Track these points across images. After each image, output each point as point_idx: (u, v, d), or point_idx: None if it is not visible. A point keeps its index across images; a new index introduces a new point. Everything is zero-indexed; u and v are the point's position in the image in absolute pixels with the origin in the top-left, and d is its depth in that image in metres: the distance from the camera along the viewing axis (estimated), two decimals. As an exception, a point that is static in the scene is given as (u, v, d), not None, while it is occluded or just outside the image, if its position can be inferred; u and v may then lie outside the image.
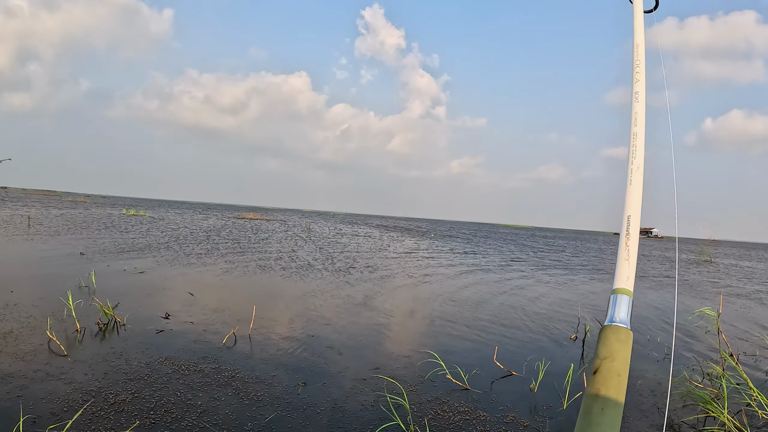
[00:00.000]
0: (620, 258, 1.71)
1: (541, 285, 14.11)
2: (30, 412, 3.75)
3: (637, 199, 1.79)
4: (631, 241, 1.71)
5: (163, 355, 5.34)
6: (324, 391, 4.64)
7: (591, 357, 6.62)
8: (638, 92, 1.94)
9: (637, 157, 1.84)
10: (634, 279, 1.64)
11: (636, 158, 1.84)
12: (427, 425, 4.03)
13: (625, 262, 1.69)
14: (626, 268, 1.67)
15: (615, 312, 1.60)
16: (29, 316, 6.45)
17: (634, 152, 1.85)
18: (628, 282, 1.65)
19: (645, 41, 2.09)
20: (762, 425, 4.45)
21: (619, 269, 1.69)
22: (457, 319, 8.38)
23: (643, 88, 1.96)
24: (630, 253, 1.69)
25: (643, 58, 2.03)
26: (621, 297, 1.62)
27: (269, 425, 3.86)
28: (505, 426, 4.17)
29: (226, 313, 7.53)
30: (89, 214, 36.12)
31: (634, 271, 1.66)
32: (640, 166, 1.83)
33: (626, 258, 1.69)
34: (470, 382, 5.13)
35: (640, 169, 1.83)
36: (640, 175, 1.82)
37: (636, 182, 1.81)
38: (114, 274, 10.36)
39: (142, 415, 3.85)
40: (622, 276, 1.66)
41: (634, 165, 1.83)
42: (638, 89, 1.95)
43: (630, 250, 1.70)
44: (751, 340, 8.28)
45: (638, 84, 1.96)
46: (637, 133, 1.87)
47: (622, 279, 1.66)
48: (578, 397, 4.91)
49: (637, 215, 1.76)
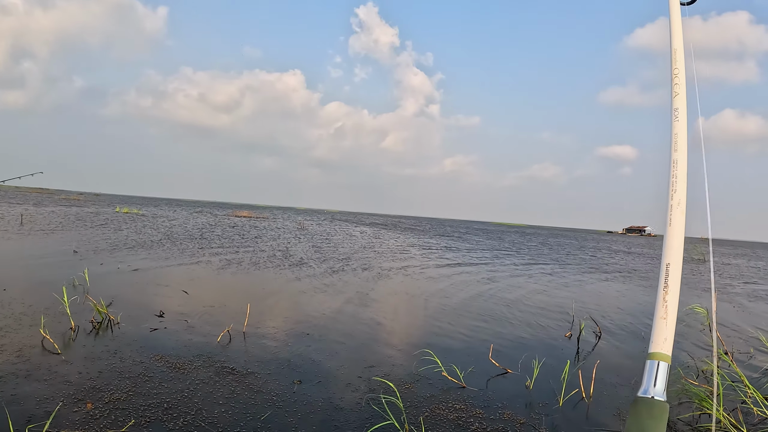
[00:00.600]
0: (657, 317, 1.41)
1: (534, 282, 14.15)
2: (23, 411, 3.72)
3: (679, 244, 1.44)
4: (670, 296, 1.41)
5: (157, 353, 5.31)
6: (319, 389, 4.63)
7: (586, 354, 6.64)
8: (678, 109, 1.55)
9: (678, 191, 1.46)
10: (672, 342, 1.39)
11: (677, 192, 1.46)
12: (423, 423, 4.03)
13: (663, 322, 1.39)
14: (664, 329, 1.38)
15: (650, 382, 1.37)
16: (22, 315, 6.40)
17: (675, 184, 1.47)
18: (666, 345, 1.37)
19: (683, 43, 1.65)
20: (757, 422, 4.47)
21: (656, 330, 1.40)
22: (451, 317, 8.38)
23: (685, 104, 1.57)
24: (669, 310, 1.40)
25: (682, 66, 1.61)
26: (657, 364, 1.37)
27: (265, 423, 3.84)
28: (501, 424, 4.17)
29: (221, 311, 7.49)
30: (82, 211, 35.91)
31: (673, 332, 1.40)
32: (682, 202, 1.46)
33: (664, 316, 1.39)
34: (466, 380, 5.13)
35: (682, 206, 1.46)
36: (681, 214, 1.45)
37: (677, 222, 1.45)
38: (108, 272, 10.30)
39: (138, 414, 3.82)
40: (659, 338, 1.38)
41: (674, 200, 1.46)
42: (678, 105, 1.56)
43: (669, 307, 1.40)
44: (745, 337, 8.33)
45: (678, 99, 1.57)
46: (677, 160, 1.48)
47: (659, 342, 1.38)
48: (574, 394, 4.93)
49: (679, 263, 1.43)
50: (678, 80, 1.59)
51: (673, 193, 1.46)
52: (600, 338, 7.60)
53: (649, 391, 1.35)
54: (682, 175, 1.47)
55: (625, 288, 14.62)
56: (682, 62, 1.61)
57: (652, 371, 1.36)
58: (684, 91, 1.58)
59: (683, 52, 1.63)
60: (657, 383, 1.35)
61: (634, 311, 10.40)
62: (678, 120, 1.53)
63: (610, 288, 14.34)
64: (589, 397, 4.91)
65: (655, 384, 1.35)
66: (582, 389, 5.00)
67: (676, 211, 1.44)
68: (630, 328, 8.62)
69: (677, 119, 1.53)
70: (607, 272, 19.31)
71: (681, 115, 1.54)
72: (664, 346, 1.36)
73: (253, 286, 10.30)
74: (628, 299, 12.31)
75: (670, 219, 1.44)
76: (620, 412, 4.61)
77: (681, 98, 1.57)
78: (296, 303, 8.68)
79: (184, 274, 10.96)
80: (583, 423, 4.31)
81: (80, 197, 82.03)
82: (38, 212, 30.45)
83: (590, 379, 5.20)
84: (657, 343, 1.37)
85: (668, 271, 1.41)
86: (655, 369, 1.36)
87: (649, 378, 1.37)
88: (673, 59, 1.62)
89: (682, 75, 1.59)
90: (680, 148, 1.49)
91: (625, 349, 7.11)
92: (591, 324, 8.36)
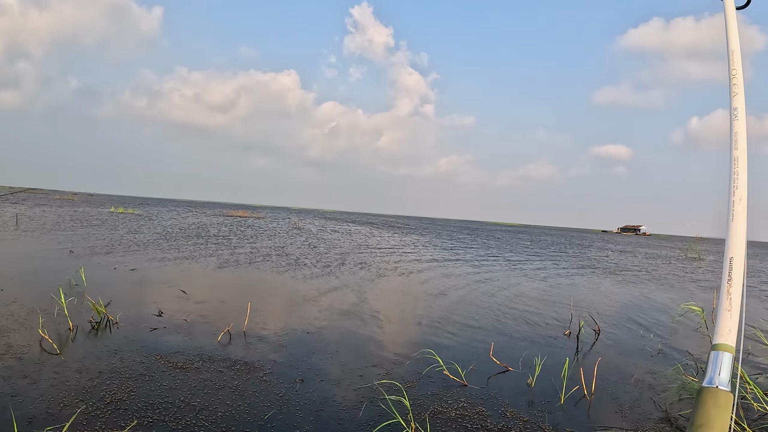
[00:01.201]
0: (722, 308, 1.44)
1: (531, 279, 14.18)
2: (25, 412, 3.69)
3: (742, 239, 1.47)
4: (734, 289, 1.43)
5: (158, 353, 5.28)
6: (322, 388, 4.62)
7: (586, 351, 6.66)
8: (737, 108, 1.59)
9: (740, 187, 1.49)
10: (736, 333, 1.40)
11: (738, 188, 1.49)
12: (428, 421, 4.02)
13: (727, 314, 1.42)
14: (728, 320, 1.41)
15: (715, 372, 1.37)
16: (20, 315, 6.35)
17: (736, 180, 1.50)
18: (730, 336, 1.39)
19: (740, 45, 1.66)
20: (757, 417, 4.49)
21: (720, 322, 1.43)
22: (451, 314, 8.39)
23: (743, 104, 1.60)
24: (733, 302, 1.42)
25: (740, 67, 1.63)
26: (722, 355, 1.38)
27: (268, 423, 3.83)
28: (504, 421, 4.17)
29: (220, 310, 7.47)
30: (77, 212, 35.71)
31: (737, 324, 1.41)
32: (744, 198, 1.48)
33: (728, 308, 1.42)
34: (467, 378, 5.13)
35: (744, 201, 1.48)
36: (743, 209, 1.48)
37: (739, 217, 1.47)
38: (105, 272, 10.24)
39: (140, 414, 3.80)
40: (724, 329, 1.41)
41: (737, 196, 1.49)
42: (737, 105, 1.59)
43: (733, 299, 1.43)
44: (745, 334, 8.36)
45: (737, 99, 1.60)
46: (738, 157, 1.52)
47: (723, 333, 1.40)
48: (575, 391, 4.94)
49: (742, 257, 1.45)
50: (736, 80, 1.60)
51: (734, 189, 1.49)
52: (599, 335, 7.62)
53: (714, 380, 1.36)
54: (743, 171, 1.49)
55: (623, 285, 14.66)
56: (739, 63, 1.62)
57: (717, 362, 1.37)
58: (742, 91, 1.59)
59: (740, 54, 1.63)
60: (722, 373, 1.36)
61: (631, 308, 10.43)
62: (737, 119, 1.56)
63: (607, 285, 14.38)
64: (591, 395, 4.92)
65: (720, 374, 1.36)
66: (583, 386, 5.01)
67: (738, 206, 1.47)
68: (628, 325, 8.64)
69: (737, 118, 1.56)
70: (605, 270, 19.38)
71: (740, 114, 1.57)
72: (728, 337, 1.38)
73: (251, 285, 10.27)
74: (626, 296, 12.35)
75: (733, 214, 1.47)
76: (622, 409, 4.62)
77: (740, 98, 1.59)
78: (295, 302, 8.66)
79: (181, 273, 10.91)
80: (585, 420, 4.32)
81: (75, 197, 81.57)
82: (33, 213, 30.26)
83: (591, 376, 5.21)
84: (722, 334, 1.39)
85: (732, 264, 1.43)
86: (720, 360, 1.37)
87: (714, 368, 1.37)
88: (731, 60, 1.62)
89: (739, 75, 1.60)
90: (740, 146, 1.52)
91: (625, 346, 7.13)
92: (590, 321, 8.37)
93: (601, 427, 4.19)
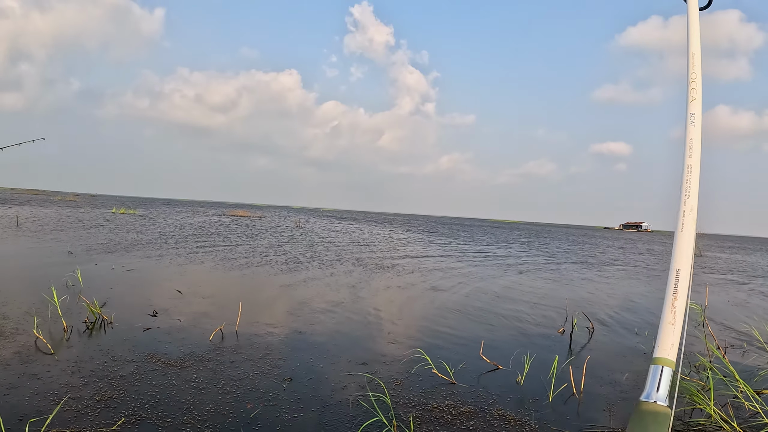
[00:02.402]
0: (664, 321, 1.40)
1: (527, 277, 14.19)
2: (16, 411, 3.73)
3: (689, 249, 1.41)
4: (678, 302, 1.37)
5: (150, 353, 5.32)
6: (310, 387, 4.65)
7: (578, 350, 6.67)
8: (694, 114, 1.51)
9: (691, 197, 1.43)
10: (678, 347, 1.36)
11: (690, 197, 1.43)
12: (412, 421, 4.05)
13: (670, 327, 1.37)
14: (671, 334, 1.36)
15: (654, 387, 1.33)
16: (16, 315, 6.40)
17: (688, 189, 1.44)
18: (672, 351, 1.35)
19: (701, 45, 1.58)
20: (748, 416, 4.50)
21: (662, 335, 1.38)
22: (442, 312, 8.41)
23: (700, 109, 1.52)
24: (677, 316, 1.36)
25: (699, 70, 1.54)
26: (662, 369, 1.33)
27: (255, 421, 3.86)
28: (491, 419, 4.20)
29: (214, 310, 7.51)
30: (78, 213, 35.84)
31: (679, 338, 1.36)
32: (694, 209, 1.42)
33: (672, 322, 1.37)
34: (456, 377, 5.16)
35: (694, 212, 1.42)
36: (693, 220, 1.41)
37: (688, 228, 1.41)
38: (102, 273, 10.30)
39: (128, 412, 3.84)
40: (666, 343, 1.36)
41: (687, 206, 1.43)
42: (694, 110, 1.52)
43: (677, 312, 1.36)
44: (738, 332, 8.37)
45: (694, 104, 1.53)
46: (692, 165, 1.45)
47: (665, 347, 1.36)
48: (563, 389, 4.96)
49: (689, 269, 1.39)
50: (695, 85, 1.53)
51: (686, 198, 1.43)
52: (593, 334, 7.63)
53: (651, 395, 1.33)
54: (695, 180, 1.43)
55: (621, 282, 14.66)
56: (699, 66, 1.54)
57: (656, 376, 1.34)
58: (700, 96, 1.52)
59: (701, 57, 1.55)
60: (660, 388, 1.32)
61: (629, 306, 10.43)
62: (693, 125, 1.49)
63: (605, 282, 14.38)
64: (580, 393, 4.94)
65: (658, 389, 1.32)
66: (573, 384, 5.03)
67: (688, 216, 1.41)
68: (625, 323, 8.65)
69: (693, 124, 1.49)
70: (604, 267, 19.36)
71: (697, 120, 1.50)
72: (670, 351, 1.35)
73: (247, 284, 10.31)
74: (623, 293, 12.35)
75: (682, 224, 1.41)
76: (611, 407, 4.64)
77: (697, 103, 1.53)
78: (289, 301, 8.70)
79: (179, 273, 10.96)
80: (573, 418, 4.34)
81: (76, 198, 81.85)
82: (34, 213, 30.38)
83: (581, 374, 5.23)
84: (663, 348, 1.36)
85: (678, 276, 1.38)
86: (659, 374, 1.33)
87: (653, 383, 1.34)
88: (690, 63, 1.54)
89: (699, 80, 1.53)
90: (695, 153, 1.45)
91: (618, 344, 7.14)
92: (583, 318, 8.38)
93: (588, 426, 4.21)
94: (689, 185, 1.41)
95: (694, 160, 1.44)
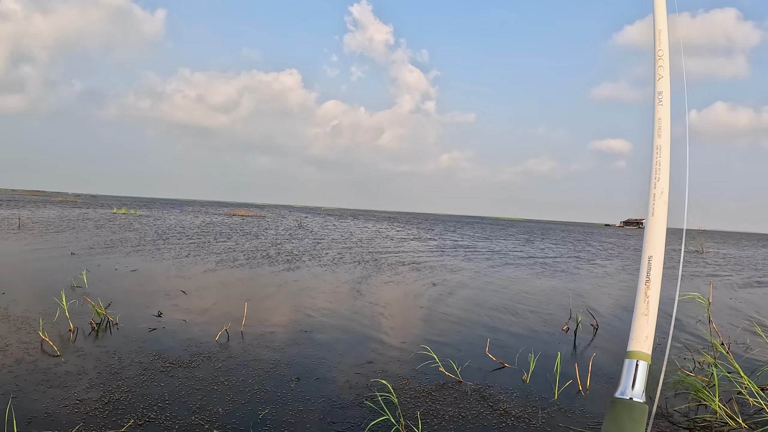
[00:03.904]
0: (638, 312, 1.32)
1: (530, 274, 14.19)
2: (24, 413, 3.74)
3: (661, 235, 1.37)
4: (652, 291, 1.31)
5: (156, 353, 5.33)
6: (317, 387, 4.66)
7: (582, 347, 6.68)
8: (662, 92, 1.46)
9: (662, 179, 1.37)
10: (653, 341, 1.29)
11: (660, 180, 1.37)
12: (419, 418, 4.06)
13: (644, 318, 1.30)
14: (645, 325, 1.29)
15: (628, 382, 1.27)
16: (21, 317, 6.42)
17: (658, 172, 1.38)
18: (647, 343, 1.28)
19: (668, 27, 1.53)
20: (753, 412, 4.50)
21: (636, 327, 1.31)
22: (448, 311, 8.42)
23: (668, 88, 1.47)
24: (650, 306, 1.30)
25: (666, 47, 1.50)
26: (636, 363, 1.28)
27: (263, 421, 3.87)
28: (497, 417, 4.21)
29: (219, 310, 7.52)
30: (79, 213, 35.87)
31: (654, 330, 1.30)
32: (665, 191, 1.37)
33: (645, 313, 1.30)
34: (463, 375, 5.17)
35: (665, 195, 1.37)
36: (664, 203, 1.37)
37: (659, 213, 1.37)
38: (106, 273, 10.31)
39: (137, 414, 3.85)
40: (640, 336, 1.30)
41: (657, 189, 1.37)
42: (662, 88, 1.46)
43: (650, 303, 1.30)
44: (741, 328, 8.37)
45: (662, 82, 1.47)
46: (661, 146, 1.39)
47: (639, 340, 1.29)
48: (568, 386, 4.97)
49: (661, 256, 1.35)
50: (662, 62, 1.48)
51: (656, 181, 1.37)
52: (597, 331, 7.64)
53: (626, 392, 1.26)
54: (665, 162, 1.37)
55: (622, 276, 14.66)
56: (666, 43, 1.50)
57: (631, 371, 1.27)
58: (668, 74, 1.48)
59: (667, 33, 1.52)
60: (636, 384, 1.26)
61: (631, 301, 10.42)
62: (662, 104, 1.43)
63: (606, 278, 14.38)
64: (585, 390, 4.95)
65: (633, 385, 1.26)
66: (578, 382, 5.04)
67: (659, 200, 1.36)
68: (627, 318, 8.65)
69: (661, 103, 1.43)
70: (604, 262, 19.36)
71: (665, 98, 1.44)
72: (644, 344, 1.28)
73: (252, 284, 10.32)
74: (625, 288, 12.35)
75: (653, 209, 1.36)
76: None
77: (665, 81, 1.46)
78: (294, 300, 8.71)
79: (181, 273, 10.97)
80: (578, 415, 4.35)
81: (77, 199, 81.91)
82: (35, 214, 30.42)
83: (586, 371, 5.24)
84: (637, 341, 1.29)
85: (650, 264, 1.32)
86: (633, 369, 1.27)
87: (627, 378, 1.27)
88: (657, 40, 1.50)
89: (666, 57, 1.49)
90: (664, 133, 1.39)
91: (623, 340, 7.14)
92: (587, 315, 8.39)
93: (595, 423, 4.21)
94: (659, 167, 1.35)
95: (663, 141, 1.38)
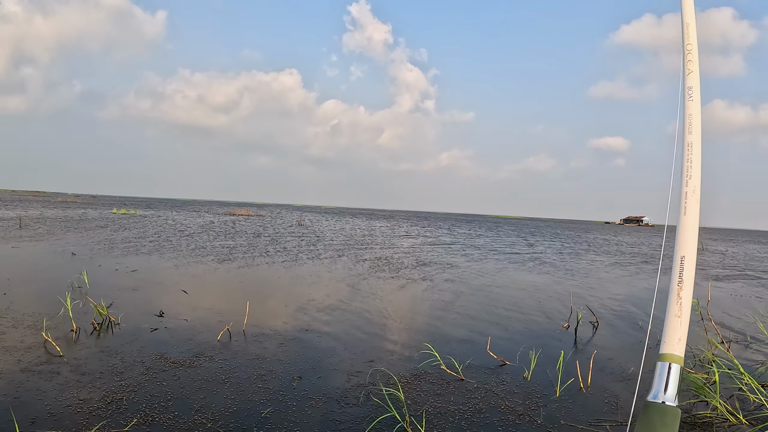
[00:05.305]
0: (670, 314, 1.26)
1: (530, 271, 14.22)
2: (27, 413, 3.76)
3: (693, 234, 1.31)
4: (685, 292, 1.26)
5: (158, 353, 5.34)
6: (319, 385, 4.68)
7: (583, 344, 6.69)
8: (692, 87, 1.41)
9: (693, 177, 1.32)
10: (685, 343, 1.25)
11: (692, 178, 1.32)
12: (424, 416, 4.07)
13: (677, 320, 1.25)
14: (678, 327, 1.24)
15: (661, 386, 1.23)
16: (24, 318, 6.42)
17: (690, 169, 1.33)
18: (680, 346, 1.23)
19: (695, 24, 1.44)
20: (753, 409, 4.52)
21: (669, 330, 1.26)
22: (449, 309, 8.44)
23: (698, 83, 1.42)
24: (683, 307, 1.25)
25: (695, 41, 1.44)
26: (670, 366, 1.23)
27: (266, 420, 3.89)
28: (499, 415, 4.22)
29: (220, 310, 7.53)
30: (79, 214, 35.88)
31: (687, 332, 1.25)
32: (697, 189, 1.32)
33: (678, 315, 1.25)
34: (464, 373, 5.19)
35: (697, 193, 1.32)
36: (696, 201, 1.31)
37: (692, 211, 1.31)
38: (107, 274, 10.32)
39: (139, 413, 3.86)
40: (672, 338, 1.24)
41: (689, 187, 1.32)
42: (692, 83, 1.41)
43: (683, 304, 1.25)
44: (741, 325, 8.39)
45: (691, 77, 1.41)
46: (692, 143, 1.35)
47: (671, 342, 1.24)
48: (570, 383, 4.98)
49: (694, 256, 1.30)
50: (692, 57, 1.42)
51: (687, 179, 1.32)
52: (597, 328, 7.65)
53: (659, 395, 1.22)
54: (697, 159, 1.33)
55: (623, 275, 14.67)
56: (694, 37, 1.43)
57: (663, 374, 1.23)
58: (698, 69, 1.42)
59: (695, 27, 1.44)
60: (669, 387, 1.22)
61: (631, 299, 10.44)
62: (692, 100, 1.38)
63: (609, 275, 14.39)
64: (587, 387, 4.96)
65: (666, 388, 1.22)
66: (580, 379, 5.05)
67: (691, 198, 1.31)
68: (627, 316, 8.67)
69: (691, 99, 1.39)
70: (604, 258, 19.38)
71: (695, 94, 1.39)
72: (677, 347, 1.23)
73: (252, 283, 10.33)
74: (625, 287, 12.36)
75: (685, 207, 1.31)
76: (618, 402, 4.66)
77: (695, 76, 1.41)
78: (294, 298, 8.72)
79: (183, 273, 10.99)
80: (580, 412, 4.36)
81: (77, 199, 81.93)
82: (36, 215, 30.42)
83: (587, 369, 5.25)
84: (670, 343, 1.24)
85: (683, 264, 1.27)
86: (666, 372, 1.23)
87: (660, 381, 1.23)
88: (685, 34, 1.43)
89: (695, 51, 1.42)
90: (695, 130, 1.36)
91: (623, 338, 7.17)
92: (588, 312, 8.40)
93: (596, 420, 4.23)
94: (691, 165, 1.32)
95: (695, 137, 1.34)
